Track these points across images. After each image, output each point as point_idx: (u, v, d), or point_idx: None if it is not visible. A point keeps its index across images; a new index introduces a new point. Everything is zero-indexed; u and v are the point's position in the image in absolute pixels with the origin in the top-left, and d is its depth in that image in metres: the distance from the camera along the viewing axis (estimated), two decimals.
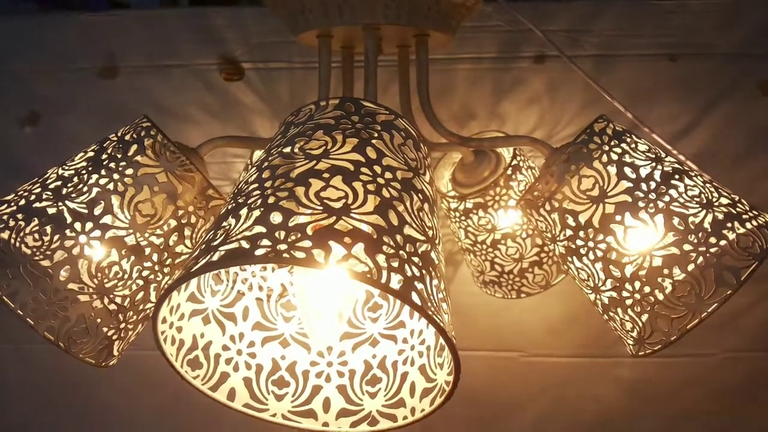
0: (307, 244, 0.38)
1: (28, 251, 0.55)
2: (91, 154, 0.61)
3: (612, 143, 0.62)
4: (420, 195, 0.46)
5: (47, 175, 0.60)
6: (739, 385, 1.04)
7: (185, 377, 0.51)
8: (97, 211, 0.57)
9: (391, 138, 0.48)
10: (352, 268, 0.39)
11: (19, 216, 0.56)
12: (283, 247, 0.38)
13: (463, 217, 0.86)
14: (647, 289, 0.59)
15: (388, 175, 0.44)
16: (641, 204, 0.59)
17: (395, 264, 0.40)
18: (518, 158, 0.83)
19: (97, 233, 0.57)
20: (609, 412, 1.05)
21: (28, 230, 0.56)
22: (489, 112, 1.00)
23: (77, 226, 0.56)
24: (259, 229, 0.39)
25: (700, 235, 0.58)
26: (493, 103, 0.99)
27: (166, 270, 0.61)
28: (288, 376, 0.54)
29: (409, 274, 0.40)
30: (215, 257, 0.39)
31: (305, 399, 0.53)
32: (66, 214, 0.56)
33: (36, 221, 0.56)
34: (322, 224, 0.41)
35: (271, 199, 0.41)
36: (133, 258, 0.58)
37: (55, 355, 0.61)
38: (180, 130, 0.97)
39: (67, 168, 0.60)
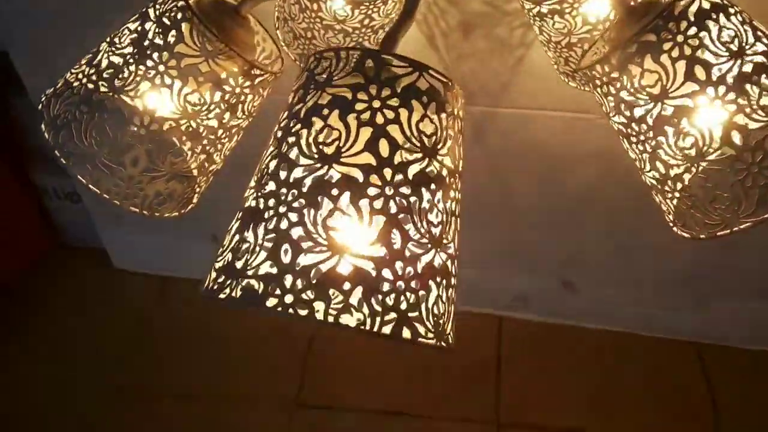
0: (310, 295, 0.42)
1: (97, 147, 0.61)
2: (134, 35, 0.60)
3: (689, 32, 0.54)
4: (432, 186, 0.45)
5: (99, 58, 0.62)
6: None
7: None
8: (150, 104, 0.60)
9: (409, 116, 0.45)
10: (346, 322, 0.41)
11: (84, 108, 0.61)
12: (289, 299, 0.42)
13: (537, 18, 0.78)
14: (687, 193, 0.58)
15: (398, 177, 0.44)
16: (702, 111, 0.54)
17: (390, 302, 0.43)
18: None
19: (154, 126, 0.61)
20: None
21: (92, 124, 0.60)
22: None
23: (136, 120, 0.60)
24: (270, 268, 0.43)
25: (755, 154, 0.54)
26: None
27: (224, 140, 0.65)
28: None
29: (403, 306, 0.43)
30: (234, 293, 0.43)
31: None
32: (123, 110, 0.60)
33: (97, 117, 0.60)
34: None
35: (284, 223, 0.43)
36: (192, 141, 0.63)
37: None
38: None
39: (115, 52, 0.61)
